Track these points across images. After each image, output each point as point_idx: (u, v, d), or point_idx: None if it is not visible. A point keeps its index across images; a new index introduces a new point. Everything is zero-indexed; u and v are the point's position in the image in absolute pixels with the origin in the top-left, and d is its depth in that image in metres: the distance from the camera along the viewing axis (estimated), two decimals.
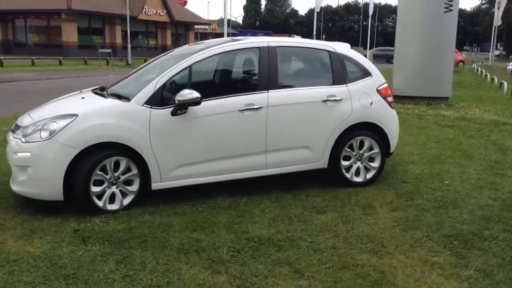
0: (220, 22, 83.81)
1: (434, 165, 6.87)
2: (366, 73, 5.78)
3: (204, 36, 78.02)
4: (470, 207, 5.18)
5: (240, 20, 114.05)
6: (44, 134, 4.59)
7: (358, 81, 5.71)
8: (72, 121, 4.62)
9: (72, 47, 38.96)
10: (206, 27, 77.83)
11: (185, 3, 59.31)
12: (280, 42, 5.50)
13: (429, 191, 5.71)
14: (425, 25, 13.24)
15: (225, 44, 5.33)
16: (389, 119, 5.87)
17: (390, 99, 5.91)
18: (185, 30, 52.72)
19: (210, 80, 5.69)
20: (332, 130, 5.51)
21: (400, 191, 5.66)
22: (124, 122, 4.73)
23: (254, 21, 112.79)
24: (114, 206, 4.81)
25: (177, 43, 50.78)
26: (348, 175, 5.73)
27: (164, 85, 4.90)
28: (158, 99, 4.85)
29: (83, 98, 5.27)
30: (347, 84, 5.62)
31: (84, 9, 38.52)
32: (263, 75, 5.30)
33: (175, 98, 4.79)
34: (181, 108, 4.84)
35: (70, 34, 39.08)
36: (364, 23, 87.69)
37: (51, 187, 4.58)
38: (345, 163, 5.71)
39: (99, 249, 4.03)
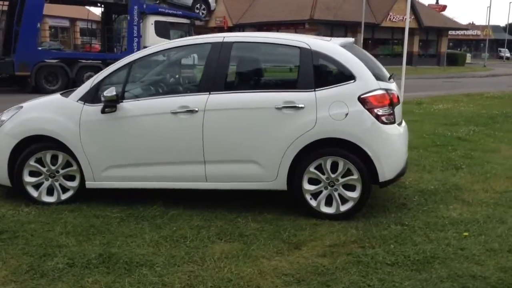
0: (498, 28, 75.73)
1: (499, 210, 4.85)
2: (347, 76, 4.43)
3: (464, 42, 71.38)
4: (447, 272, 3.51)
5: None
6: None
7: (333, 86, 4.45)
8: (16, 112, 4.93)
9: None
10: (474, 32, 71.66)
11: (444, 8, 55.42)
12: (239, 37, 4.71)
13: (419, 241, 4.07)
14: None
15: (176, 40, 4.88)
16: (375, 137, 4.39)
17: (381, 111, 4.40)
18: (437, 36, 49.33)
19: (149, 79, 5.23)
20: (288, 144, 4.44)
21: (371, 234, 4.20)
22: (58, 116, 4.80)
23: None
24: (49, 199, 4.92)
25: (426, 50, 48.25)
26: (313, 203, 4.54)
27: (100, 82, 4.78)
28: (92, 96, 4.75)
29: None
30: (316, 89, 4.44)
31: (325, 18, 39.90)
32: (207, 75, 4.63)
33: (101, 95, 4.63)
34: (108, 106, 4.64)
35: None
36: None
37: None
38: (309, 187, 4.53)
39: None
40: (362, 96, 4.37)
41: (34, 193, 4.91)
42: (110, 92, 4.53)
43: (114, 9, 20.44)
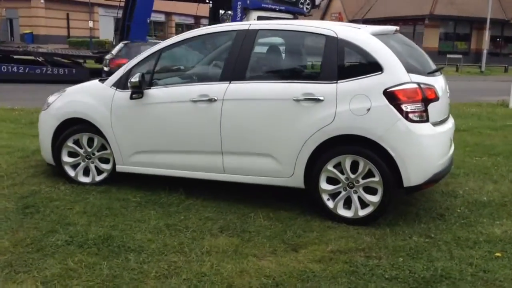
0: None
1: None
2: (374, 68, 3.99)
3: None
4: None
5: None
6: (46, 106, 5.35)
7: (357, 78, 4.03)
8: (60, 96, 5.21)
9: (431, 52, 38.44)
10: None
11: None
12: (264, 25, 4.46)
13: (436, 257, 3.56)
14: None
15: (203, 28, 4.78)
16: (401, 136, 3.89)
17: (411, 107, 3.90)
18: None
19: (175, 66, 5.13)
20: (305, 139, 4.13)
21: (384, 243, 3.77)
22: (93, 101, 4.97)
23: None
24: (85, 179, 5.13)
25: None
26: (330, 204, 4.18)
27: (132, 69, 4.85)
28: (124, 82, 4.84)
29: None
30: (339, 81, 4.07)
31: (448, 14, 37.39)
32: (230, 63, 4.48)
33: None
34: (134, 92, 4.70)
35: (431, 39, 38.72)
36: None
37: (46, 152, 5.30)
38: (327, 187, 4.18)
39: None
40: (388, 90, 3.92)
41: (71, 173, 5.15)
42: (135, 78, 4.59)
43: (221, 5, 21.05)
